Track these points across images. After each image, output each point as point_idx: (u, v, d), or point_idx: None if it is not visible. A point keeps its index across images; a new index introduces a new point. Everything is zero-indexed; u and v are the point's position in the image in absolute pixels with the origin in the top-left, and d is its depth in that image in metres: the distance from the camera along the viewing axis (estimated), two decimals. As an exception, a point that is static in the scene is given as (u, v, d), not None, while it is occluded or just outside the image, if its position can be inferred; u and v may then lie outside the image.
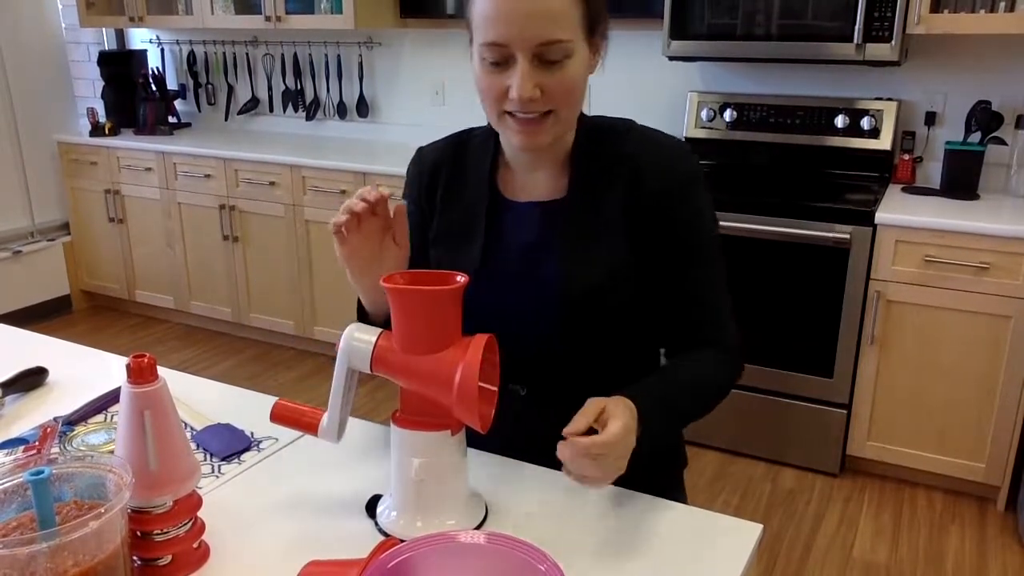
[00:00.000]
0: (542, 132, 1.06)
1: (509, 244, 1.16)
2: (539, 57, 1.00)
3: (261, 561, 0.93)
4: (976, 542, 2.39)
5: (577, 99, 1.07)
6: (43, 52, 4.21)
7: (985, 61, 2.75)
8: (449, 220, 1.21)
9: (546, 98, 1.02)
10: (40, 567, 0.74)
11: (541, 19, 0.98)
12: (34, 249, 4.10)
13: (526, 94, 1.01)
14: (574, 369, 1.16)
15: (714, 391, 1.13)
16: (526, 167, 1.17)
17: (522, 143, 1.07)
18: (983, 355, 2.43)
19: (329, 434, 1.00)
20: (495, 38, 1.00)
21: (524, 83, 1.00)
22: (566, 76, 1.02)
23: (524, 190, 1.17)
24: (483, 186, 1.18)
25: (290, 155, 3.45)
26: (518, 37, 0.99)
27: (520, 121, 1.05)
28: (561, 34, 1.00)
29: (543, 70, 1.01)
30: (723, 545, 0.96)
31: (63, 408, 1.27)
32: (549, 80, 1.01)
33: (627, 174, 1.12)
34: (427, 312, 0.94)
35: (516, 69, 1.00)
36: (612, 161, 1.13)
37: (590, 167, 1.14)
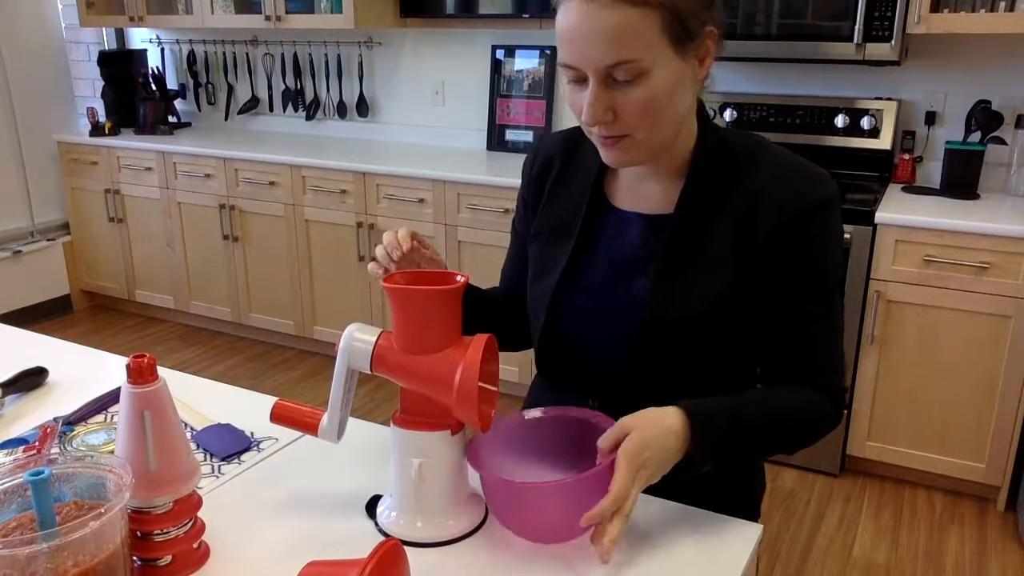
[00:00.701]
0: (622, 152, 1.01)
1: (602, 252, 1.12)
2: (610, 77, 0.95)
3: (261, 561, 0.93)
4: (976, 542, 2.39)
5: (658, 117, 0.98)
6: (43, 52, 4.21)
7: (985, 61, 2.75)
8: (551, 217, 1.18)
9: (621, 120, 0.97)
10: (40, 567, 0.74)
11: (607, 40, 0.92)
12: (34, 249, 4.10)
13: (595, 119, 0.97)
14: (649, 391, 1.05)
15: (803, 423, 1.05)
16: (636, 175, 1.11)
17: (609, 161, 1.04)
18: (983, 355, 2.43)
19: (329, 434, 1.00)
20: (565, 59, 0.97)
21: (593, 106, 0.96)
22: (640, 96, 0.95)
23: (630, 198, 1.12)
24: (588, 187, 1.14)
25: (290, 155, 3.45)
26: (584, 59, 0.94)
27: (602, 141, 1.01)
28: (629, 54, 0.92)
29: (616, 90, 0.96)
30: (723, 545, 0.96)
31: (63, 408, 1.27)
32: (622, 100, 0.96)
33: (745, 199, 1.04)
34: (427, 312, 0.93)
35: (588, 90, 0.96)
36: (731, 182, 1.05)
37: (706, 185, 1.06)
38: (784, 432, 1.04)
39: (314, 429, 1.01)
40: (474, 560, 0.93)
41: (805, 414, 1.06)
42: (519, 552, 0.94)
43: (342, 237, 3.42)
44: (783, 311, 1.05)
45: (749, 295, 1.04)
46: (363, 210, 3.33)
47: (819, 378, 1.07)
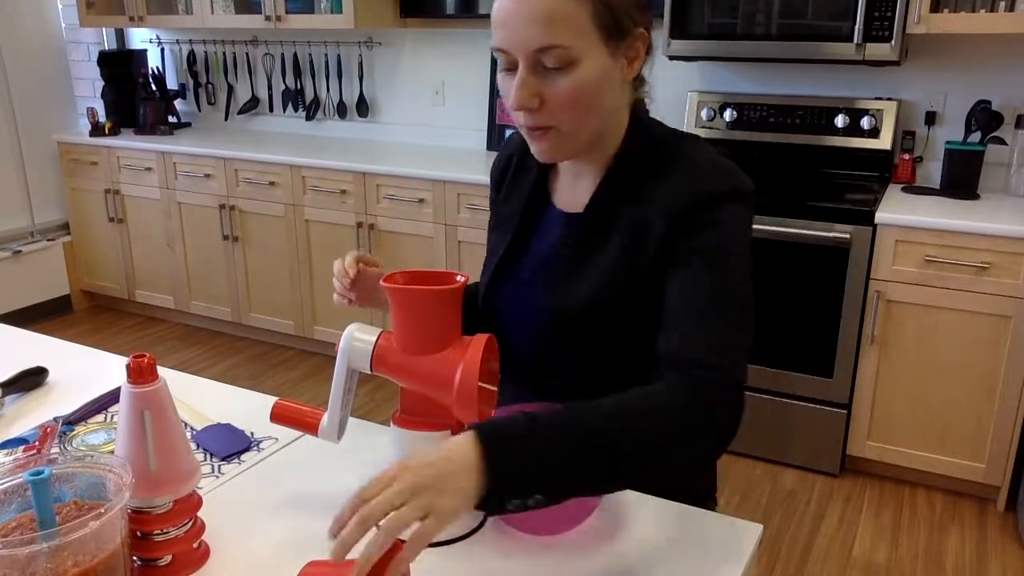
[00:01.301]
0: (547, 144, 1.02)
1: (533, 248, 1.15)
2: (538, 64, 0.96)
3: (261, 561, 0.93)
4: (976, 542, 2.39)
5: (584, 110, 0.99)
6: (43, 52, 4.21)
7: (985, 61, 2.75)
8: (503, 212, 1.21)
9: (546, 108, 0.98)
10: (40, 567, 0.74)
11: (535, 23, 0.93)
12: (34, 249, 4.10)
13: (518, 103, 0.97)
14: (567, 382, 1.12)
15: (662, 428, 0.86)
16: (571, 173, 1.13)
17: (535, 152, 1.05)
18: (983, 355, 2.43)
19: (329, 434, 1.00)
20: (496, 43, 0.98)
21: (519, 91, 0.97)
22: (567, 85, 0.96)
23: (564, 197, 1.14)
24: (531, 186, 1.17)
25: (290, 155, 3.45)
26: (514, 42, 0.95)
27: (529, 132, 1.02)
28: (558, 39, 0.93)
29: (543, 78, 0.96)
30: (723, 545, 0.96)
31: (63, 408, 1.27)
32: (549, 88, 0.96)
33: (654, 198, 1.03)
34: (427, 312, 0.94)
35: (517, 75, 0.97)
36: (646, 178, 1.05)
37: (621, 185, 1.06)
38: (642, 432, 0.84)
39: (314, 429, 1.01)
40: (474, 560, 0.93)
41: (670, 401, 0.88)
42: (519, 552, 0.94)
43: (342, 237, 3.42)
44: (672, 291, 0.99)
45: (644, 290, 1.02)
46: (363, 210, 3.33)
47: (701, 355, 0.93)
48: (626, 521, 1.00)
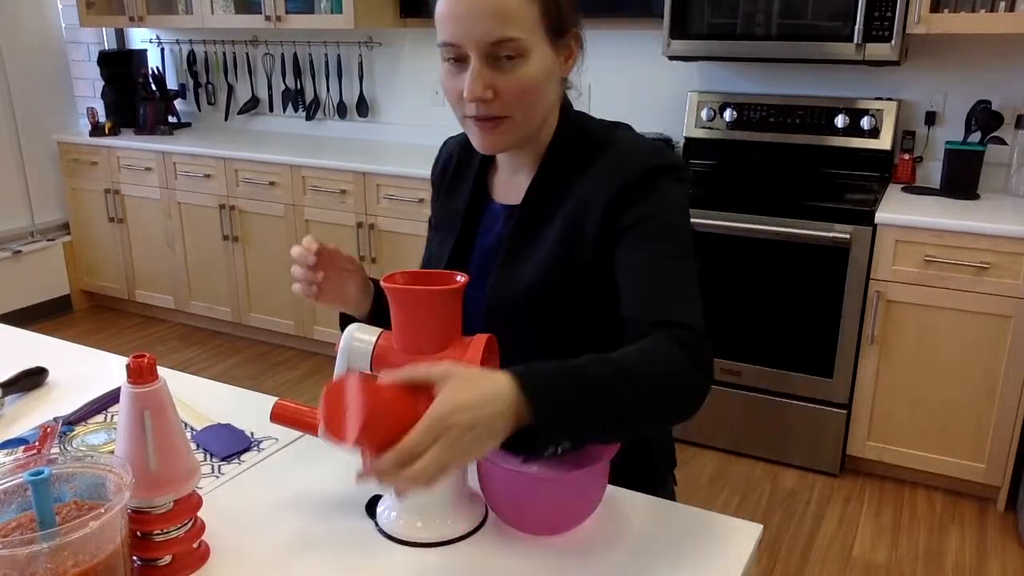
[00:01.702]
0: (498, 135, 1.05)
1: (478, 243, 1.18)
2: (491, 56, 0.99)
3: (261, 561, 0.93)
4: (976, 542, 2.39)
5: (534, 101, 1.04)
6: (43, 52, 4.21)
7: (985, 61, 2.75)
8: (444, 212, 1.24)
9: (500, 100, 1.01)
10: (40, 567, 0.74)
11: (490, 17, 0.97)
12: (34, 249, 4.10)
13: (475, 93, 1.00)
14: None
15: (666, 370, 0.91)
16: (509, 168, 1.17)
17: (481, 146, 1.08)
18: (983, 355, 2.43)
19: (329, 434, 1.00)
20: (448, 37, 1.01)
21: (474, 82, 1.00)
22: (520, 77, 1.01)
23: (504, 192, 1.18)
24: (471, 184, 1.20)
25: (290, 155, 3.45)
26: (468, 36, 0.99)
27: (478, 124, 1.04)
28: (512, 32, 0.98)
29: (496, 71, 1.00)
30: (723, 545, 0.96)
31: (63, 408, 1.27)
32: (502, 80, 1.00)
33: (584, 186, 1.07)
34: (427, 312, 0.94)
35: (468, 69, 1.00)
36: (581, 168, 1.09)
37: (555, 175, 1.11)
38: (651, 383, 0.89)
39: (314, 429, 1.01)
40: (474, 560, 0.93)
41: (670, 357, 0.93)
42: (519, 552, 0.94)
43: (342, 237, 3.42)
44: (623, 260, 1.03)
45: (586, 274, 1.06)
46: (363, 210, 3.33)
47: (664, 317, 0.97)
48: (626, 521, 1.00)
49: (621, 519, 1.00)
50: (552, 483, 0.95)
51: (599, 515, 1.00)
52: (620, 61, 3.27)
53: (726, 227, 2.62)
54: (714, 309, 2.73)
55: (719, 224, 2.63)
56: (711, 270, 2.70)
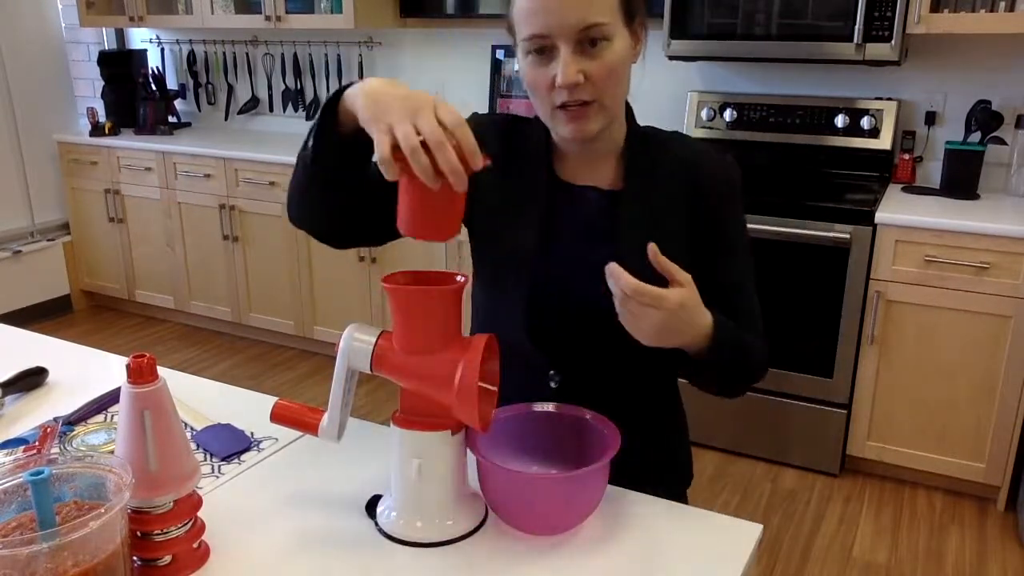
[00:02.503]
0: (589, 120, 1.07)
1: (565, 226, 1.17)
2: (581, 43, 1.02)
3: (261, 561, 0.93)
4: (976, 542, 2.39)
5: (620, 85, 1.08)
6: (43, 52, 4.21)
7: (985, 61, 2.75)
8: (504, 196, 1.18)
9: (590, 84, 1.04)
10: (40, 567, 0.74)
11: (579, 5, 1.01)
12: (34, 249, 4.10)
13: (570, 79, 1.02)
14: (614, 363, 1.16)
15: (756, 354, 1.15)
16: (581, 158, 1.18)
17: (572, 133, 1.08)
18: (983, 355, 2.43)
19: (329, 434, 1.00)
20: (537, 30, 1.02)
21: (568, 68, 1.02)
22: (608, 60, 1.04)
23: (580, 177, 1.18)
24: (542, 167, 1.18)
25: (290, 155, 3.43)
26: (558, 25, 1.01)
27: (567, 112, 1.06)
28: (600, 17, 1.02)
29: (585, 57, 1.03)
30: (723, 545, 0.96)
31: (63, 408, 1.27)
32: (592, 65, 1.03)
33: (683, 175, 1.15)
34: (427, 312, 0.93)
35: (559, 57, 1.02)
36: (665, 161, 1.16)
37: (642, 163, 1.16)
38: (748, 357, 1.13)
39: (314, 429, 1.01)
40: (474, 560, 0.93)
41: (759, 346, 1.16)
42: (519, 552, 0.94)
43: (342, 237, 3.41)
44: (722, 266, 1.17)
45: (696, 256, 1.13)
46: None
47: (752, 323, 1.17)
48: (626, 521, 1.00)
49: (621, 519, 1.01)
50: (552, 483, 0.95)
51: (599, 515, 1.00)
52: (620, 61, 3.27)
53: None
54: (714, 309, 2.72)
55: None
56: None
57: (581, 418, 1.03)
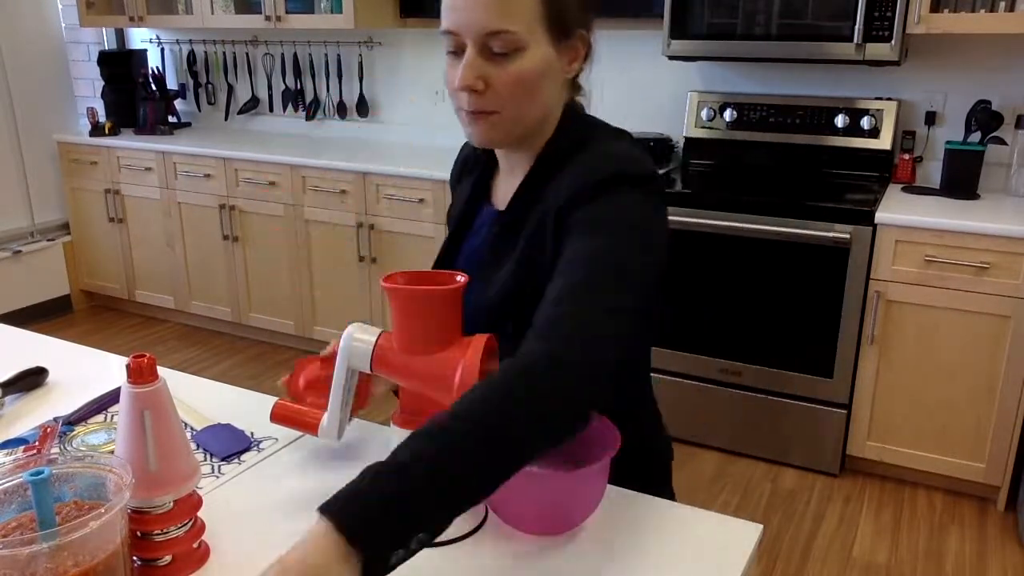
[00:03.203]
0: (488, 128, 1.03)
1: (463, 250, 1.18)
2: (487, 48, 0.99)
3: (261, 561, 0.93)
4: (976, 542, 2.39)
5: (526, 98, 1.01)
6: (43, 52, 4.21)
7: (985, 61, 2.75)
8: (451, 211, 1.24)
9: (491, 93, 1.00)
10: (40, 567, 0.74)
11: (488, 8, 0.96)
12: (34, 249, 4.10)
13: (466, 81, 0.99)
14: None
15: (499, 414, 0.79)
16: (506, 172, 1.16)
17: (470, 136, 1.07)
18: (983, 355, 2.43)
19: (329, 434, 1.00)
20: (447, 25, 1.01)
21: (466, 71, 0.99)
22: (514, 70, 0.99)
23: (500, 195, 1.16)
24: (471, 185, 1.20)
25: (290, 155, 3.45)
26: (465, 24, 0.98)
27: (469, 116, 1.03)
28: (508, 25, 0.97)
29: (491, 63, 0.99)
30: (723, 545, 0.96)
31: (63, 408, 1.27)
32: (495, 73, 0.99)
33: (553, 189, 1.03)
34: (427, 312, 0.93)
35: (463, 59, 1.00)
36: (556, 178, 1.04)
37: (540, 179, 1.07)
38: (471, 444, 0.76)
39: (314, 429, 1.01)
40: (474, 560, 0.93)
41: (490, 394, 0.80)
42: (519, 552, 0.94)
43: (342, 237, 3.42)
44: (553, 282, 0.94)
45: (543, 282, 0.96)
46: (363, 210, 3.33)
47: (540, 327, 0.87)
48: (626, 521, 1.00)
49: (621, 519, 1.00)
50: (552, 482, 0.95)
51: (599, 515, 1.00)
52: (620, 61, 3.27)
53: (726, 227, 2.62)
54: (714, 309, 2.73)
55: (719, 224, 2.63)
56: (711, 270, 2.70)
57: None
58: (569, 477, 0.94)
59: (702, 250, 2.69)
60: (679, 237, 2.72)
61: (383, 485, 0.74)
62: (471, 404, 0.79)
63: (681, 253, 2.73)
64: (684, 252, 2.73)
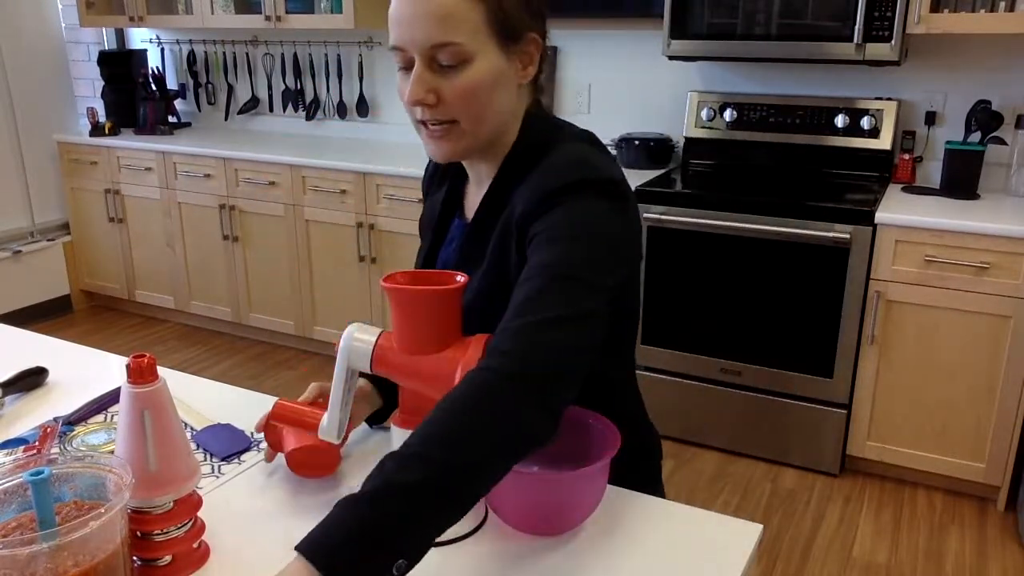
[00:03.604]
0: (447, 142, 1.03)
1: (440, 256, 1.19)
2: (434, 61, 0.98)
3: (261, 561, 0.93)
4: (976, 542, 2.39)
5: (480, 107, 1.01)
6: (43, 52, 4.21)
7: (985, 61, 2.75)
8: (422, 221, 1.25)
9: (444, 105, 1.00)
10: (40, 567, 0.74)
11: (430, 21, 0.96)
12: (34, 249, 4.10)
13: (415, 96, 0.99)
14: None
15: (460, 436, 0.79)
16: (474, 182, 1.16)
17: (431, 152, 1.06)
18: (983, 355, 2.43)
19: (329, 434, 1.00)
20: (394, 41, 1.00)
21: (415, 86, 0.99)
22: (462, 82, 0.98)
23: (471, 206, 1.16)
24: (443, 195, 1.20)
25: (290, 155, 3.45)
26: (410, 40, 0.98)
27: (427, 130, 1.03)
28: (453, 37, 0.96)
29: (439, 75, 0.99)
30: (723, 545, 0.96)
31: (63, 408, 1.27)
32: (444, 85, 0.99)
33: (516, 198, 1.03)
34: (427, 312, 0.93)
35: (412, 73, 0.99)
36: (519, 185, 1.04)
37: (506, 186, 1.07)
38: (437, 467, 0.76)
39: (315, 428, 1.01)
40: (474, 560, 0.93)
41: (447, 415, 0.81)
42: (519, 552, 0.94)
43: (342, 237, 3.42)
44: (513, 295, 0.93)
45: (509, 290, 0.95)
46: (363, 210, 3.33)
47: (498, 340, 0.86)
48: (625, 521, 1.00)
49: (621, 519, 1.01)
50: (552, 483, 0.95)
51: (599, 515, 1.00)
52: (620, 61, 3.27)
53: (726, 227, 2.62)
54: (715, 309, 2.73)
55: (719, 224, 2.64)
56: (711, 270, 2.70)
57: (580, 418, 1.03)
58: (569, 478, 0.94)
59: (702, 250, 2.69)
60: (679, 237, 2.72)
61: (352, 518, 0.73)
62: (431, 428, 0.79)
63: (681, 253, 2.73)
64: (684, 252, 2.73)
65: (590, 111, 3.35)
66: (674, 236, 2.71)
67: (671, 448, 2.87)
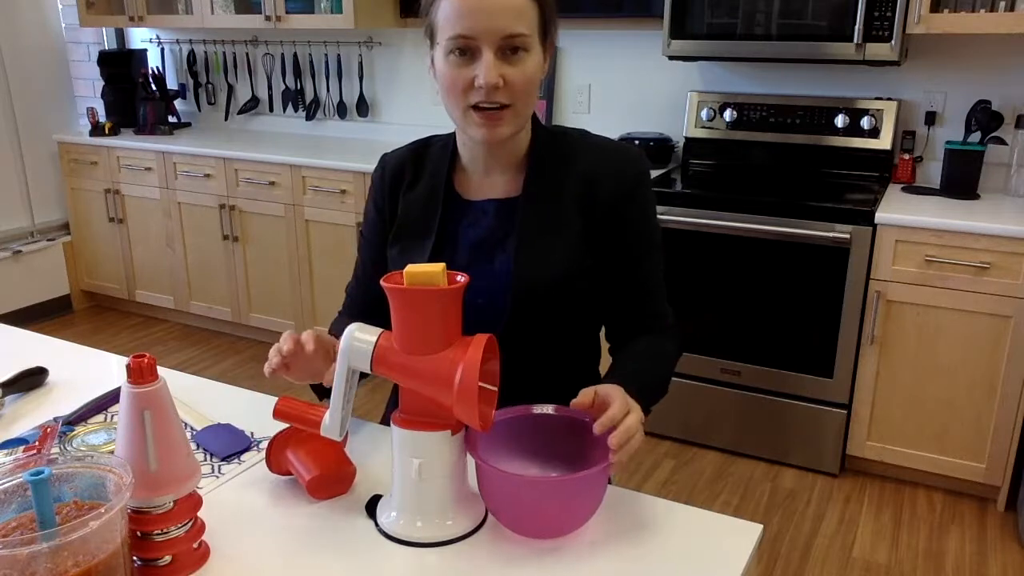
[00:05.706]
0: (502, 124, 1.14)
1: (460, 240, 1.24)
2: (502, 50, 1.10)
3: (261, 561, 0.93)
4: (976, 542, 2.39)
5: (532, 94, 1.16)
6: (43, 52, 4.21)
7: (985, 61, 2.75)
8: (406, 219, 1.28)
9: (507, 89, 1.11)
10: (40, 567, 0.74)
11: (507, 13, 1.09)
12: (34, 249, 4.10)
13: (492, 80, 1.09)
14: (519, 358, 1.16)
15: (670, 360, 1.26)
16: (482, 170, 1.24)
17: (484, 135, 1.14)
18: (983, 355, 2.43)
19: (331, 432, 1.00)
20: (463, 31, 1.09)
21: (490, 70, 1.09)
22: (526, 69, 1.12)
23: (480, 191, 1.25)
24: (440, 186, 1.26)
25: (290, 155, 3.45)
26: (485, 30, 1.08)
27: (482, 113, 1.12)
28: (523, 28, 1.10)
29: (505, 62, 1.11)
30: (723, 545, 0.96)
31: (63, 408, 1.27)
32: (511, 71, 1.11)
33: (581, 178, 1.21)
34: (427, 312, 0.93)
35: (482, 60, 1.09)
36: (566, 165, 1.22)
37: (544, 169, 1.23)
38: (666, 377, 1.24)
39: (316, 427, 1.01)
40: (474, 560, 0.93)
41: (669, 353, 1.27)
42: (518, 553, 0.94)
43: (342, 237, 3.42)
44: (627, 268, 1.23)
45: (596, 257, 1.22)
46: (363, 210, 3.32)
47: (657, 321, 1.27)
48: (625, 522, 1.00)
49: (621, 520, 1.01)
50: (552, 486, 0.95)
51: (598, 515, 1.00)
52: (620, 61, 3.27)
53: (726, 227, 2.62)
54: (715, 309, 2.73)
55: (719, 224, 2.64)
56: (711, 270, 2.70)
57: (581, 421, 1.03)
58: (568, 481, 0.94)
59: (702, 250, 2.69)
60: (679, 237, 2.72)
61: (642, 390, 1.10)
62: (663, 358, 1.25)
63: (681, 253, 2.73)
64: (684, 252, 2.73)
65: (590, 111, 3.35)
66: (674, 236, 2.71)
67: (671, 448, 2.87)
